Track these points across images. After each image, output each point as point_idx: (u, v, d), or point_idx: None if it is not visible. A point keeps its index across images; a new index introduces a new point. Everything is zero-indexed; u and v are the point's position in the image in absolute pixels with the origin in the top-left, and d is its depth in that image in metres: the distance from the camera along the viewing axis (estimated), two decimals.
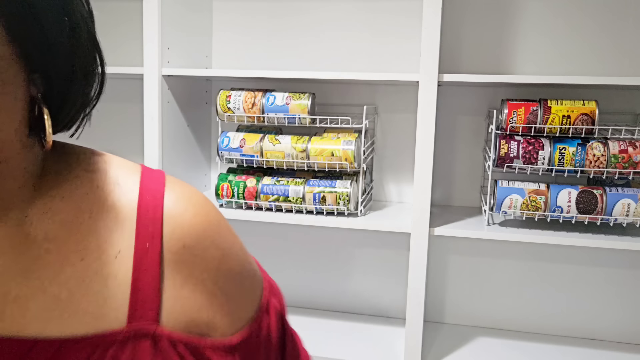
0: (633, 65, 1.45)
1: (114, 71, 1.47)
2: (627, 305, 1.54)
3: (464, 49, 1.53)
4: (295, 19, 1.62)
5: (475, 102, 1.55)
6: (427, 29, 1.24)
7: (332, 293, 1.71)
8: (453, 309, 1.64)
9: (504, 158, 1.33)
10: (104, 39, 1.75)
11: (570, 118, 1.29)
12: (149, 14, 1.37)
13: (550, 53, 1.49)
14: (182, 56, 1.49)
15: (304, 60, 1.63)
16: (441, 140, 1.56)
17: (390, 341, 1.51)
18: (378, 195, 1.65)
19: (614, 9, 1.45)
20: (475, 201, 1.59)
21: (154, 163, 1.41)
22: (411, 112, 1.56)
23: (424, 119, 1.27)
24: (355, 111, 1.57)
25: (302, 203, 1.40)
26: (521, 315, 1.60)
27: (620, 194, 1.28)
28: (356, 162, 1.39)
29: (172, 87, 1.46)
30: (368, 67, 1.59)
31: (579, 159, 1.29)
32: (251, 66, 1.67)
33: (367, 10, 1.57)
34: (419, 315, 1.34)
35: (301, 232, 1.71)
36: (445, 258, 1.62)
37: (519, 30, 1.50)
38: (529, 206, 1.31)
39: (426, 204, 1.30)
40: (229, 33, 1.67)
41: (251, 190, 1.42)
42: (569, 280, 1.56)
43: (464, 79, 1.29)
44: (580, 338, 1.56)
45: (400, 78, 1.31)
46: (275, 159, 1.41)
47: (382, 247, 1.65)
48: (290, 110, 1.40)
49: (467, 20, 1.52)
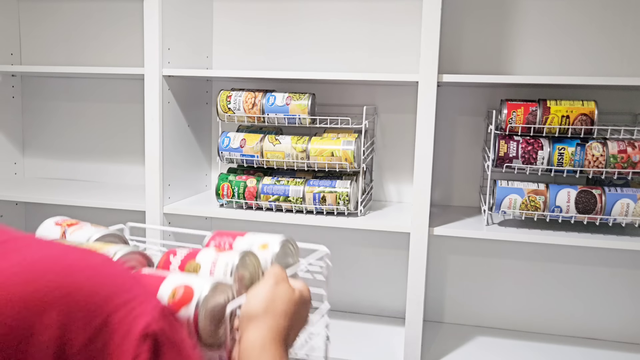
0: (632, 65, 1.46)
1: (114, 71, 1.48)
2: (626, 305, 1.54)
3: (463, 50, 1.54)
4: (295, 19, 1.63)
5: (475, 102, 1.55)
6: (426, 29, 1.25)
7: (332, 293, 1.71)
8: (452, 309, 1.64)
9: (503, 158, 1.34)
10: (104, 39, 1.77)
11: (570, 118, 1.30)
12: (150, 14, 1.37)
13: (550, 53, 1.49)
14: (183, 56, 1.50)
15: (304, 61, 1.63)
16: (441, 141, 1.57)
17: (390, 340, 1.51)
18: (378, 195, 1.65)
19: (613, 9, 1.45)
20: (475, 201, 1.59)
21: (154, 163, 1.42)
22: (411, 113, 1.57)
23: (424, 119, 1.28)
24: (355, 111, 1.57)
25: (302, 203, 1.40)
26: (520, 315, 1.60)
27: (619, 194, 1.28)
28: (356, 162, 1.39)
29: (173, 88, 1.46)
30: (368, 67, 1.60)
31: (578, 159, 1.30)
32: (251, 67, 1.67)
33: (367, 10, 1.58)
34: (418, 314, 1.34)
35: (301, 232, 1.71)
36: (444, 258, 1.63)
37: (519, 31, 1.50)
38: (528, 206, 1.31)
39: (426, 204, 1.30)
40: (229, 34, 1.68)
41: (251, 190, 1.43)
42: (568, 280, 1.57)
43: (463, 79, 1.29)
44: (579, 337, 1.57)
45: (399, 78, 1.32)
46: (275, 159, 1.42)
47: (382, 247, 1.65)
48: (290, 110, 1.40)
49: (467, 21, 1.53)
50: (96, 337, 0.48)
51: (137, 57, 1.65)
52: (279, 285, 0.68)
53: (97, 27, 1.76)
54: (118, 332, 0.48)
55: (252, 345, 0.63)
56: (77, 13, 1.77)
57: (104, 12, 1.75)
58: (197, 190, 1.65)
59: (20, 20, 1.82)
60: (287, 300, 0.67)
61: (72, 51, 1.79)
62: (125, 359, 0.47)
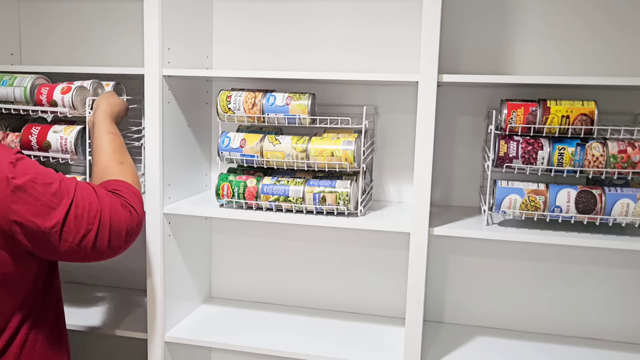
0: (632, 65, 1.46)
1: (114, 71, 1.48)
2: (626, 305, 1.54)
3: (463, 49, 1.54)
4: (295, 19, 1.63)
5: (475, 102, 1.55)
6: (426, 29, 1.25)
7: (332, 293, 1.72)
8: (452, 309, 1.64)
9: (503, 158, 1.34)
10: (104, 39, 1.77)
11: (570, 118, 1.30)
12: (150, 14, 1.37)
13: (550, 53, 1.49)
14: (183, 56, 1.50)
15: (304, 61, 1.64)
16: (441, 141, 1.57)
17: (390, 341, 1.51)
18: (378, 195, 1.65)
19: (613, 9, 1.45)
20: (475, 201, 1.59)
21: (154, 163, 1.42)
22: (411, 112, 1.57)
23: (424, 119, 1.28)
24: (355, 111, 1.58)
25: (302, 203, 1.40)
26: (521, 315, 1.60)
27: (619, 194, 1.28)
28: (356, 162, 1.39)
29: (173, 88, 1.46)
30: (368, 67, 1.60)
31: (578, 159, 1.30)
32: (251, 66, 1.67)
33: (367, 10, 1.58)
34: (418, 314, 1.34)
35: (301, 232, 1.71)
36: (444, 258, 1.63)
37: (519, 31, 1.50)
38: (528, 206, 1.31)
39: (426, 204, 1.30)
40: (229, 33, 1.68)
41: (251, 190, 1.43)
42: (568, 280, 1.57)
43: (463, 79, 1.29)
44: (579, 337, 1.57)
45: (399, 78, 1.31)
46: (275, 159, 1.42)
47: (382, 247, 1.66)
48: (290, 110, 1.40)
49: (467, 21, 1.53)
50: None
51: (137, 57, 1.65)
52: (110, 94, 1.40)
53: (97, 27, 1.76)
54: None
55: (97, 120, 1.29)
56: (77, 13, 1.77)
57: (104, 12, 1.75)
58: (197, 190, 1.65)
59: (20, 20, 1.82)
60: (113, 100, 1.37)
61: (72, 51, 1.79)
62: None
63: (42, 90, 1.41)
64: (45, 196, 0.95)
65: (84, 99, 1.37)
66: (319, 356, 1.43)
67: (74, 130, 1.42)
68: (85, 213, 1.00)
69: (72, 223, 0.98)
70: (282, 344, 1.47)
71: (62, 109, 1.37)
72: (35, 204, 0.94)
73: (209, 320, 1.62)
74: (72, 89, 1.35)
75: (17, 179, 0.92)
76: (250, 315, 1.67)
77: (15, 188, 0.92)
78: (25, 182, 0.93)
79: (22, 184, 0.92)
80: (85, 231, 1.00)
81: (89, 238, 1.00)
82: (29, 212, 0.93)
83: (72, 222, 0.98)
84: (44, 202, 0.95)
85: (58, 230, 0.97)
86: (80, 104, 1.33)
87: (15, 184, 0.92)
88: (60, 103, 1.37)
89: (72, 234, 0.98)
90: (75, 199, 1.00)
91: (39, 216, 0.94)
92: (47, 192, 0.95)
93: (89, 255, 1.03)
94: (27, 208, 0.93)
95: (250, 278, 1.77)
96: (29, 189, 0.93)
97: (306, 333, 1.56)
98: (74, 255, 1.01)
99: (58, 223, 0.96)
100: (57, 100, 1.34)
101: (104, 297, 1.78)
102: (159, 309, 1.47)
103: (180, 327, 1.55)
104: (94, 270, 1.88)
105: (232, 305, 1.74)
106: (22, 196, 0.92)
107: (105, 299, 1.77)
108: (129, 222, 1.08)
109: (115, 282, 1.87)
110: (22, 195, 0.92)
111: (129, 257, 1.79)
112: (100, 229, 1.02)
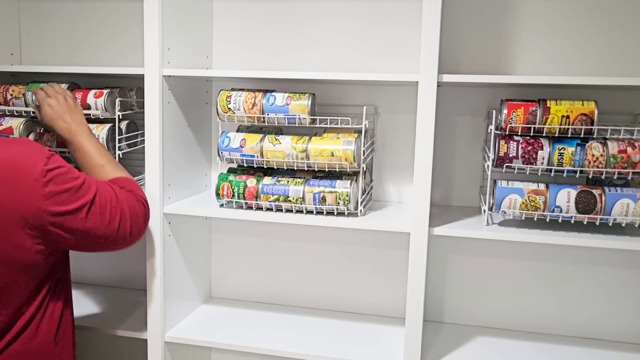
0: (632, 65, 1.46)
1: (114, 71, 1.48)
2: (626, 305, 1.54)
3: (463, 50, 1.54)
4: (295, 19, 1.63)
5: (475, 102, 1.55)
6: (426, 29, 1.25)
7: (332, 293, 1.72)
8: (452, 309, 1.64)
9: (503, 158, 1.34)
10: (104, 39, 1.77)
11: (570, 118, 1.30)
12: (150, 14, 1.37)
13: (550, 53, 1.49)
14: (183, 57, 1.50)
15: (304, 60, 1.64)
16: (441, 141, 1.57)
17: (390, 341, 1.51)
18: (378, 195, 1.65)
19: (613, 9, 1.45)
20: (475, 201, 1.59)
21: (154, 163, 1.42)
22: (411, 113, 1.57)
23: (424, 119, 1.28)
24: (355, 111, 1.58)
25: (302, 203, 1.40)
26: (521, 315, 1.60)
27: (619, 194, 1.28)
28: (356, 162, 1.39)
29: (173, 88, 1.46)
30: (368, 67, 1.60)
31: (578, 159, 1.30)
32: (251, 66, 1.67)
33: (367, 10, 1.58)
34: (418, 314, 1.34)
35: (301, 232, 1.71)
36: (444, 258, 1.63)
37: (519, 31, 1.50)
38: (528, 206, 1.31)
39: (426, 204, 1.30)
40: (229, 33, 1.68)
41: (251, 190, 1.43)
42: (568, 280, 1.57)
43: (463, 79, 1.29)
44: (579, 337, 1.57)
45: (399, 78, 1.31)
46: (275, 159, 1.42)
47: (382, 247, 1.66)
48: (290, 110, 1.40)
49: (467, 21, 1.53)
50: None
51: (137, 57, 1.65)
52: (65, 103, 1.43)
53: (98, 27, 1.76)
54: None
55: (73, 128, 1.38)
56: (77, 13, 1.77)
57: (104, 12, 1.75)
58: (197, 190, 1.65)
59: (20, 20, 1.82)
60: (72, 106, 1.43)
61: (72, 51, 1.79)
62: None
63: (76, 95, 1.53)
64: (74, 188, 1.10)
65: (113, 101, 1.52)
66: (319, 356, 1.43)
67: (105, 127, 1.53)
68: (108, 204, 1.15)
69: (97, 210, 1.13)
70: (282, 344, 1.47)
71: (94, 111, 1.51)
72: (65, 194, 1.08)
73: (209, 320, 1.62)
74: (104, 94, 1.51)
75: (52, 171, 1.07)
76: (250, 315, 1.67)
77: (49, 180, 1.06)
78: (58, 174, 1.07)
79: (55, 175, 1.07)
80: (109, 218, 1.15)
81: (113, 224, 1.16)
82: (60, 201, 1.07)
83: (97, 209, 1.13)
84: (72, 194, 1.09)
85: (84, 216, 1.11)
86: (110, 107, 1.50)
87: (51, 175, 1.06)
88: (93, 106, 1.51)
89: (98, 219, 1.13)
90: (99, 192, 1.15)
91: (69, 204, 1.09)
92: (75, 185, 1.10)
93: (117, 240, 1.19)
94: (59, 198, 1.07)
95: (250, 278, 1.77)
96: (59, 182, 1.08)
97: (306, 333, 1.56)
98: (103, 241, 1.17)
99: (85, 206, 1.11)
100: (91, 103, 1.51)
101: (104, 297, 1.78)
102: (159, 309, 1.47)
103: (180, 327, 1.55)
104: (94, 270, 1.88)
105: (232, 305, 1.74)
106: (54, 188, 1.06)
107: (105, 299, 1.77)
108: (143, 213, 1.25)
109: (115, 282, 1.87)
110: (54, 187, 1.06)
111: (129, 257, 1.79)
112: (122, 220, 1.18)
